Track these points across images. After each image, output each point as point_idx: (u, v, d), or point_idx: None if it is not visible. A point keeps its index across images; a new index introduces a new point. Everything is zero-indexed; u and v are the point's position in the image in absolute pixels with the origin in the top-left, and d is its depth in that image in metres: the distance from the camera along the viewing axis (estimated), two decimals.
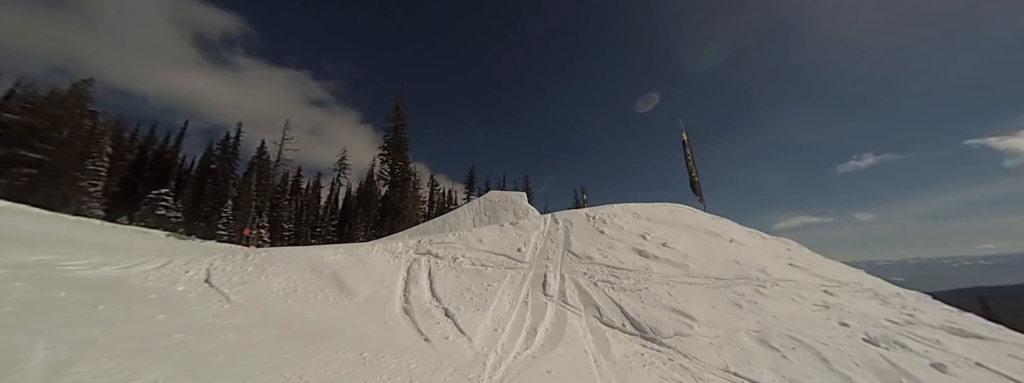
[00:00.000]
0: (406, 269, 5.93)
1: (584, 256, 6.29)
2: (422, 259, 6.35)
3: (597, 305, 4.71)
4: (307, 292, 4.76)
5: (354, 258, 6.17)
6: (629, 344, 3.91)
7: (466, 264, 6.16)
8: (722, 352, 3.63)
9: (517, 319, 4.42)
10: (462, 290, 5.16)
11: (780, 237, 7.88)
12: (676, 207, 9.12)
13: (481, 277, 5.63)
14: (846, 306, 4.59)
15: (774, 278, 5.34)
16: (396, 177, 26.80)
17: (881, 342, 3.73)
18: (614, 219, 8.04)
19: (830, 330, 3.99)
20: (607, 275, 5.56)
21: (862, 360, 3.42)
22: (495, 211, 14.47)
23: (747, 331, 3.97)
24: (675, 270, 5.61)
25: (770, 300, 4.69)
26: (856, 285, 5.44)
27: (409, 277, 5.60)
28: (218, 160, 26.47)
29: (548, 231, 7.83)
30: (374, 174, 30.53)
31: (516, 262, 6.30)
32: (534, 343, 3.85)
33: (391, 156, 26.88)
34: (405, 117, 27.34)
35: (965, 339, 3.98)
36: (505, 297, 5.00)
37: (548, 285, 5.33)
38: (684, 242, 6.73)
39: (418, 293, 5.03)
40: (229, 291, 4.37)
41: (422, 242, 7.36)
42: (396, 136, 27.05)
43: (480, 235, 7.67)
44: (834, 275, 5.82)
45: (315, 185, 33.69)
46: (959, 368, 3.33)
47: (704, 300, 4.71)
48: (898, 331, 4.00)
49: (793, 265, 6.09)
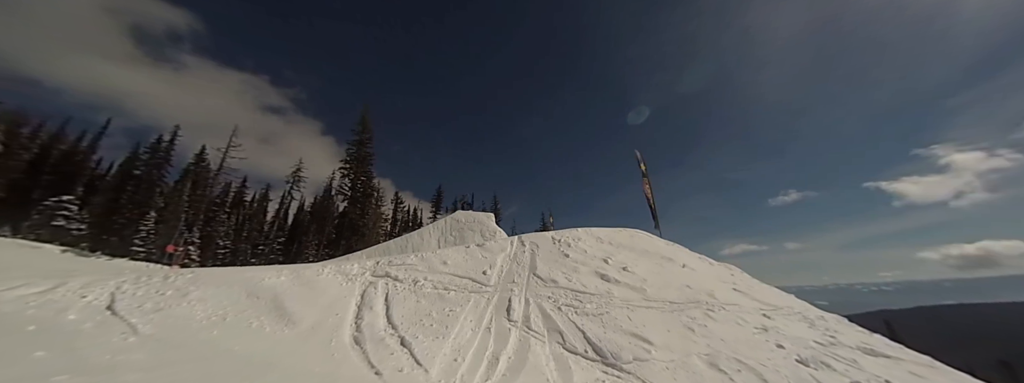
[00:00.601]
0: (360, 293, 5.48)
1: (549, 279, 6.31)
2: (379, 282, 5.93)
3: (561, 330, 4.67)
4: (239, 320, 4.18)
5: (300, 281, 5.60)
6: (590, 371, 3.88)
7: (428, 288, 5.86)
8: (677, 376, 3.75)
9: (479, 347, 4.22)
10: (422, 316, 4.86)
11: (725, 263, 8.60)
12: (635, 232, 9.63)
13: (443, 302, 5.37)
14: (781, 329, 5.04)
15: (721, 302, 5.74)
16: (357, 192, 25.40)
17: (810, 363, 4.11)
18: (578, 243, 8.26)
19: (769, 352, 4.32)
20: (571, 299, 5.60)
21: (796, 380, 3.72)
22: (462, 232, 14.16)
23: (698, 354, 4.17)
24: (634, 294, 5.81)
25: (718, 323, 5.00)
26: (788, 309, 6.02)
27: (363, 302, 5.17)
28: (144, 165, 23.28)
29: (515, 253, 7.79)
30: (333, 188, 28.70)
31: (481, 286, 6.12)
32: (495, 373, 3.68)
33: (353, 170, 25.63)
34: (372, 131, 26.60)
35: (875, 358, 4.53)
36: (467, 323, 4.79)
37: (513, 310, 5.22)
38: (642, 267, 7.06)
39: (372, 320, 4.64)
40: (137, 320, 3.69)
41: (381, 263, 6.92)
42: (361, 149, 26.03)
43: (445, 257, 7.41)
44: (770, 299, 6.41)
45: (262, 198, 30.67)
46: None
47: (660, 324, 4.90)
48: (824, 352, 4.45)
49: (737, 290, 6.62)
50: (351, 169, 25.77)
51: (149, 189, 22.20)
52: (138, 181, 22.48)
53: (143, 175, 22.79)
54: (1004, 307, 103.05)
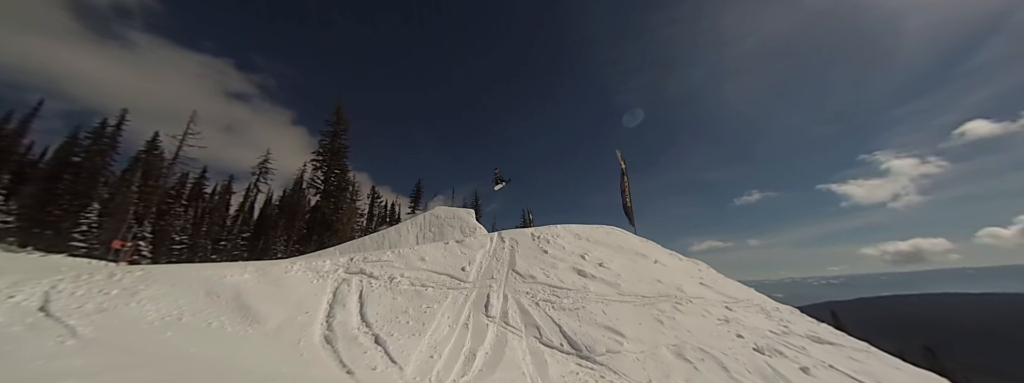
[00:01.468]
0: (333, 291, 5.29)
1: (528, 275, 6.38)
2: (353, 279, 5.75)
3: (538, 325, 4.75)
4: (197, 321, 3.90)
5: (267, 278, 5.31)
6: (565, 364, 3.99)
7: (404, 284, 5.75)
8: (646, 367, 3.93)
9: (456, 343, 4.21)
10: (398, 313, 4.77)
11: (693, 258, 9.07)
12: (612, 229, 9.92)
13: (420, 298, 5.29)
14: (741, 320, 5.40)
15: (689, 296, 6.06)
16: (331, 186, 24.37)
17: (766, 351, 4.44)
18: (557, 239, 8.39)
19: (730, 341, 4.62)
20: (549, 294, 5.70)
21: (752, 367, 4.02)
22: (441, 228, 13.97)
23: (667, 345, 4.39)
24: (609, 289, 6.01)
25: (685, 316, 5.28)
26: (748, 301, 6.46)
27: (335, 300, 4.99)
28: (85, 151, 21.04)
29: (494, 250, 7.80)
30: (304, 181, 27.33)
31: (459, 282, 6.09)
32: (472, 369, 3.69)
33: (327, 162, 24.54)
34: (348, 122, 25.54)
35: (821, 345, 4.97)
36: (445, 320, 4.76)
37: (491, 306, 5.24)
38: (617, 262, 7.30)
39: (345, 318, 4.50)
40: (77, 322, 3.36)
41: (355, 260, 6.70)
42: (335, 141, 24.95)
43: (422, 253, 7.29)
44: (733, 293, 6.85)
45: (224, 190, 28.66)
46: (818, 370, 4.12)
47: (633, 317, 5.10)
48: (777, 340, 4.82)
49: (703, 284, 7.01)
50: (324, 161, 24.65)
51: (91, 178, 20.13)
52: (78, 169, 20.30)
53: (84, 162, 20.60)
54: (929, 298, 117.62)
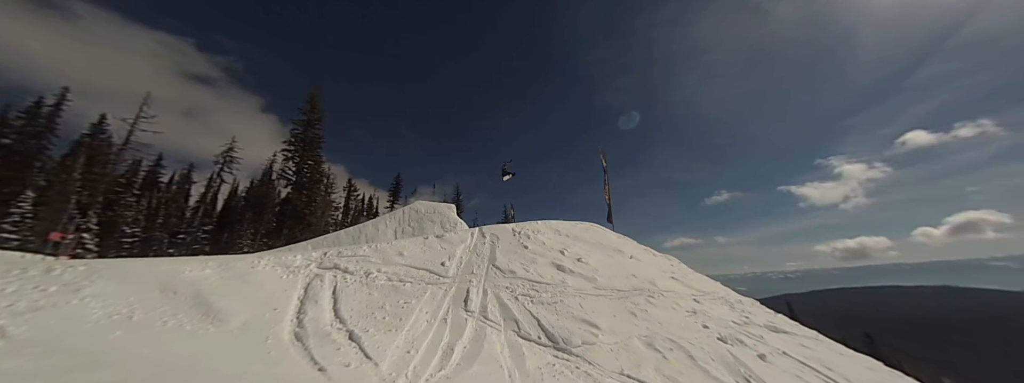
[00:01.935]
0: (304, 287, 5.08)
1: (508, 270, 6.41)
2: (327, 274, 5.55)
3: (516, 319, 4.81)
4: (150, 319, 3.63)
5: (231, 273, 5.02)
6: (543, 356, 4.07)
7: (381, 280, 5.62)
8: (619, 357, 4.09)
9: (434, 338, 4.18)
10: (374, 309, 4.66)
11: (666, 254, 9.48)
12: (590, 226, 10.16)
13: (398, 294, 5.20)
14: (707, 312, 5.73)
15: (660, 289, 6.34)
16: (303, 177, 23.27)
17: (728, 340, 4.74)
18: (537, 235, 8.48)
19: (696, 332, 4.89)
20: (528, 289, 5.77)
21: (716, 355, 4.28)
22: (421, 222, 13.74)
23: (639, 336, 4.58)
24: (586, 283, 6.17)
25: (657, 308, 5.52)
26: (714, 294, 6.85)
27: (307, 296, 4.80)
28: (17, 133, 18.81)
29: (475, 245, 7.77)
30: (273, 172, 25.91)
31: (439, 277, 6.03)
32: (450, 363, 3.69)
33: (299, 153, 23.37)
34: (322, 112, 24.40)
35: (778, 334, 5.37)
36: (423, 315, 4.71)
37: (470, 300, 5.24)
38: (595, 258, 7.49)
39: (317, 314, 4.34)
40: (7, 322, 3.02)
41: (329, 254, 6.46)
42: (309, 131, 23.78)
43: (401, 248, 7.15)
44: (701, 286, 7.23)
45: (184, 179, 26.63)
46: (774, 357, 4.46)
47: (608, 310, 5.27)
48: (739, 330, 5.16)
49: (674, 278, 7.35)
50: (297, 152, 23.46)
51: (24, 163, 18.05)
52: (8, 153, 18.13)
53: (15, 145, 18.42)
54: (870, 291, 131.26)
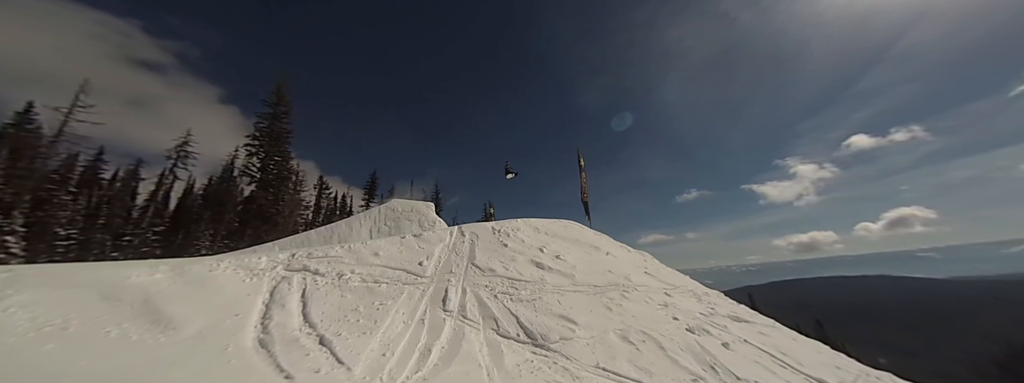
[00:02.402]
0: (270, 290, 4.79)
1: (487, 269, 6.39)
2: (295, 277, 5.26)
3: (495, 317, 4.80)
4: (89, 330, 3.28)
5: (185, 278, 4.64)
6: (521, 353, 4.10)
7: (355, 281, 5.42)
8: (595, 351, 4.20)
9: (411, 339, 4.09)
10: (347, 312, 4.48)
11: (640, 250, 9.85)
12: (569, 223, 10.34)
13: (373, 295, 5.03)
14: (677, 304, 6.01)
15: (634, 284, 6.57)
16: (269, 174, 21.92)
17: (696, 330, 5.01)
18: (517, 233, 8.52)
19: (667, 324, 5.13)
20: (507, 287, 5.78)
21: (684, 345, 4.51)
22: (397, 221, 13.37)
23: (614, 330, 4.72)
24: (565, 280, 6.27)
25: (631, 303, 5.73)
26: (684, 287, 7.20)
27: (273, 300, 4.53)
28: None
29: (454, 244, 7.68)
30: (235, 168, 24.20)
31: (416, 277, 5.90)
32: (427, 364, 3.62)
33: (264, 148, 21.97)
34: (290, 105, 23.03)
35: (740, 323, 5.73)
36: (399, 316, 4.59)
37: (449, 300, 5.17)
38: (573, 254, 7.64)
39: (284, 319, 4.11)
40: None
41: (298, 256, 6.13)
42: (275, 125, 22.38)
43: (376, 247, 6.92)
44: (672, 280, 7.58)
45: (130, 176, 24.23)
46: (736, 345, 4.76)
47: (585, 306, 5.40)
48: (705, 321, 5.46)
49: (647, 273, 7.65)
50: (261, 147, 22.04)
51: None
52: None
53: None
54: (820, 281, 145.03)
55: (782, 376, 4.35)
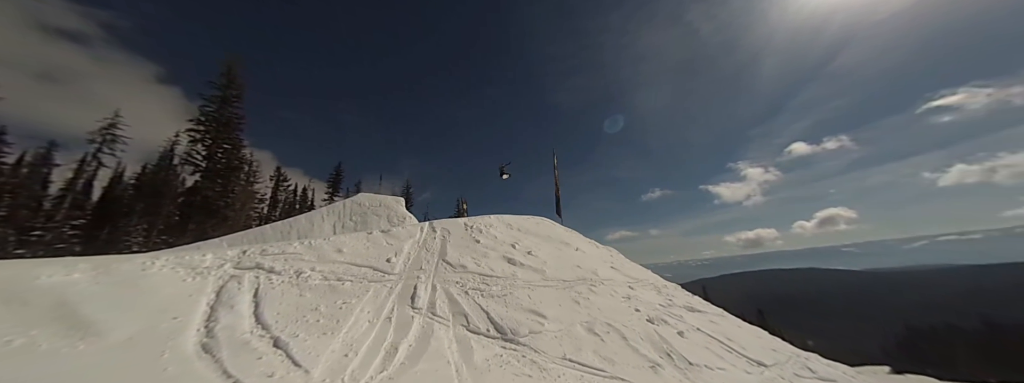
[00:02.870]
0: (216, 290, 4.38)
1: (458, 265, 6.33)
2: (246, 275, 4.86)
3: (466, 313, 4.78)
4: None
5: (112, 277, 4.10)
6: (491, 348, 4.12)
7: (316, 279, 5.11)
8: (562, 343, 4.33)
9: (376, 338, 3.95)
10: (306, 312, 4.22)
11: (608, 246, 10.26)
12: (541, 220, 10.51)
13: (335, 294, 4.78)
14: (639, 297, 6.36)
15: (601, 278, 6.85)
16: (217, 164, 19.92)
17: (655, 321, 5.34)
18: (490, 229, 8.50)
19: (630, 315, 5.41)
20: (478, 283, 5.76)
21: (644, 335, 4.79)
22: (364, 216, 12.78)
23: (581, 323, 4.90)
24: (535, 275, 6.38)
25: (597, 296, 5.97)
26: (646, 281, 7.63)
27: (219, 301, 4.15)
28: None
29: (424, 240, 7.50)
30: (176, 156, 21.72)
31: (383, 274, 5.69)
32: (393, 363, 3.52)
33: (211, 134, 19.87)
34: (243, 88, 20.96)
35: (694, 314, 6.19)
36: (364, 315, 4.40)
37: (417, 297, 5.05)
38: (544, 251, 7.78)
39: (232, 321, 3.78)
40: None
41: (250, 253, 5.66)
42: (225, 109, 20.28)
43: (340, 244, 6.57)
44: (635, 274, 7.99)
45: (40, 160, 20.85)
46: (690, 333, 5.14)
47: (554, 300, 5.53)
48: (664, 312, 5.84)
49: (613, 268, 8.00)
50: (208, 133, 19.91)
51: None
52: None
53: None
54: (762, 273, 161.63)
55: (728, 360, 4.78)
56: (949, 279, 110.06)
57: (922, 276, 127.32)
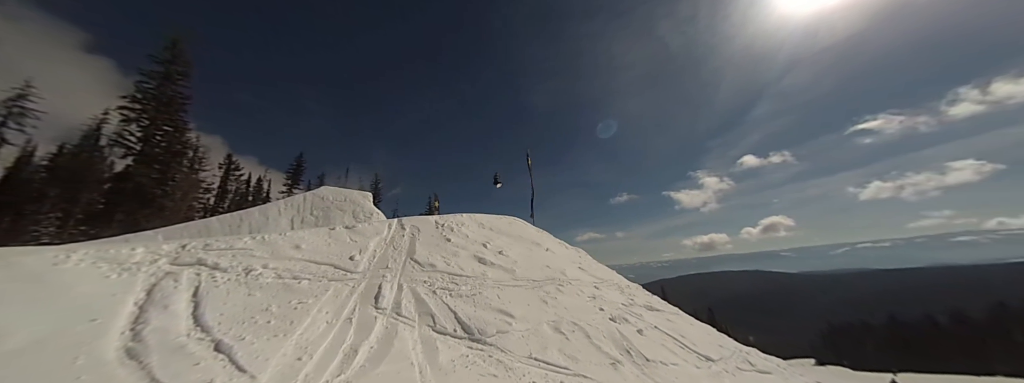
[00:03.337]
0: (146, 288, 3.90)
1: (427, 264, 6.17)
2: (185, 272, 4.38)
3: (433, 313, 4.67)
4: None
5: (12, 272, 3.52)
6: (457, 348, 4.06)
7: (268, 277, 4.73)
8: (529, 342, 4.38)
9: (335, 340, 3.73)
10: (255, 312, 3.89)
11: (577, 247, 10.55)
12: (513, 220, 10.56)
13: (290, 293, 4.45)
14: (604, 296, 6.61)
15: (569, 278, 7.02)
16: (156, 147, 17.78)
17: (617, 319, 5.57)
18: (462, 228, 8.39)
19: (594, 314, 5.60)
20: (447, 282, 5.66)
21: (607, 333, 4.98)
22: (327, 211, 12.07)
23: (548, 322, 4.98)
24: (506, 275, 6.39)
25: (565, 296, 6.11)
26: (610, 281, 7.94)
27: (151, 300, 3.70)
28: None
29: (392, 237, 7.22)
30: (103, 136, 19.08)
31: (346, 273, 5.40)
32: (352, 366, 3.35)
33: (150, 114, 17.69)
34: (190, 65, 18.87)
35: (652, 312, 6.55)
36: (322, 316, 4.15)
37: (382, 297, 4.85)
38: (515, 250, 7.83)
39: (166, 323, 3.39)
40: None
41: (191, 247, 5.11)
42: (167, 87, 18.14)
43: (298, 240, 6.14)
44: (601, 275, 8.29)
45: None
46: (648, 331, 5.43)
47: (523, 299, 5.58)
48: (625, 311, 6.11)
49: (581, 268, 8.24)
50: (145, 112, 17.71)
51: None
52: None
53: None
54: (714, 275, 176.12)
55: (681, 355, 5.11)
56: (864, 281, 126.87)
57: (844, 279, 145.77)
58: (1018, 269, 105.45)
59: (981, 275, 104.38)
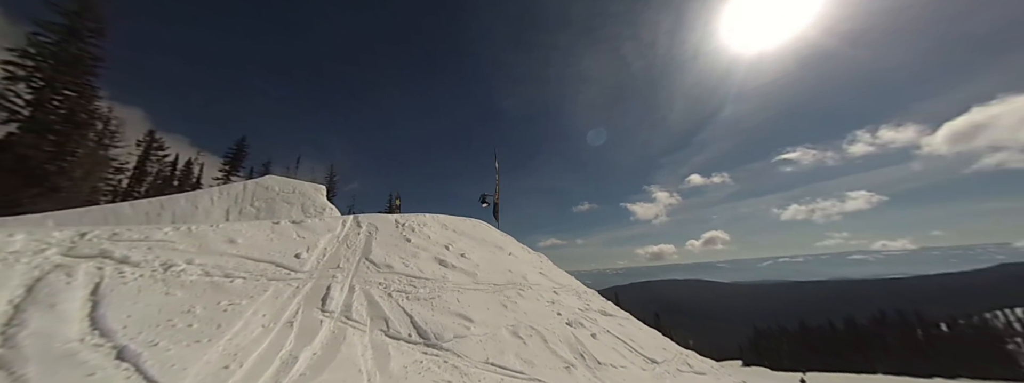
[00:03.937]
0: (26, 285, 3.21)
1: (384, 265, 5.85)
2: (82, 266, 3.68)
3: (386, 317, 4.42)
4: None
5: None
6: (411, 354, 3.87)
7: (193, 274, 4.14)
8: (487, 347, 4.32)
9: (271, 346, 3.36)
10: (174, 314, 3.37)
11: (538, 252, 10.72)
12: (478, 222, 10.45)
13: (219, 293, 3.94)
14: (562, 301, 6.77)
15: (530, 283, 7.09)
16: (50, 114, 14.80)
17: (573, 324, 5.73)
18: (424, 228, 8.11)
19: (552, 319, 5.70)
20: (405, 285, 5.40)
21: (563, 338, 5.09)
22: (272, 203, 10.95)
23: (506, 326, 4.97)
24: (467, 278, 6.28)
25: (524, 300, 6.15)
26: (569, 287, 8.17)
27: (32, 298, 3.05)
28: None
29: (346, 235, 6.75)
30: None
31: (289, 272, 4.91)
32: (289, 375, 3.03)
33: (46, 73, 14.68)
34: (106, 21, 15.88)
35: (606, 317, 6.84)
36: (257, 318, 3.72)
37: (330, 299, 4.48)
38: (478, 254, 7.73)
39: (50, 326, 2.80)
40: None
41: (92, 236, 4.32)
42: (71, 43, 15.17)
43: (233, 233, 5.49)
44: (560, 280, 8.50)
45: None
46: (601, 335, 5.65)
47: (483, 304, 5.51)
48: (581, 315, 6.31)
49: (541, 273, 8.37)
50: (39, 71, 14.69)
51: None
52: None
53: None
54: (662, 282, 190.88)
55: (629, 358, 5.38)
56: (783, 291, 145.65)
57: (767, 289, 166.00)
58: (895, 284, 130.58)
59: (868, 288, 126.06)
